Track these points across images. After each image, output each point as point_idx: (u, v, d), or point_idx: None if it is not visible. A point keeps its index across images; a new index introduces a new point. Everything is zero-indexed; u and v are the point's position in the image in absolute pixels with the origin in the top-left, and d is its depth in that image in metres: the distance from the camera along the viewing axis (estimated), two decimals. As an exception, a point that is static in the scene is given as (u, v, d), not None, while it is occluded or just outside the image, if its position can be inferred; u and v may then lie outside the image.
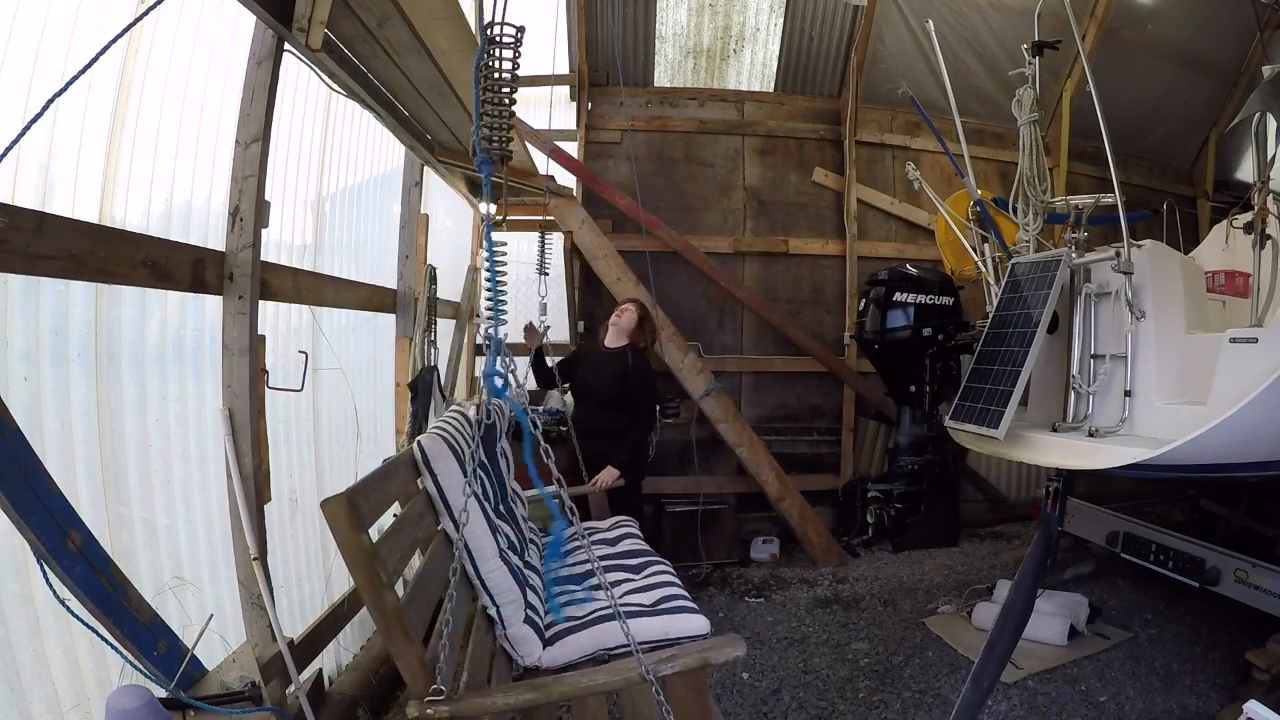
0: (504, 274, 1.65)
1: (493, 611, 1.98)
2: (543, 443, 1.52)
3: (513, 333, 4.98)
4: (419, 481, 1.99)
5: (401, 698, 2.54)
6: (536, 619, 2.05)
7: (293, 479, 2.64)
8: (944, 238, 4.36)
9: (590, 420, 3.48)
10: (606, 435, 3.51)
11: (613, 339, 3.67)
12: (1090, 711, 2.73)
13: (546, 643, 2.01)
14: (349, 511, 1.39)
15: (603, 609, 2.15)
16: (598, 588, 2.32)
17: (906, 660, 3.18)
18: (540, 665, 1.97)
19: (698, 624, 2.07)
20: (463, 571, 1.94)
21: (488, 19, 1.50)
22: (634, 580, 2.39)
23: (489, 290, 1.62)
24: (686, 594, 2.25)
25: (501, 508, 2.51)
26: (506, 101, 1.55)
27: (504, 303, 1.63)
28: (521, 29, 1.58)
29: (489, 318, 1.59)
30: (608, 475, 3.33)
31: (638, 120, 5.06)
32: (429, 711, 1.37)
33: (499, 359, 1.51)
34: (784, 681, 3.03)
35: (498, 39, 1.52)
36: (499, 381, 1.41)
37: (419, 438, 2.04)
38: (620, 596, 2.24)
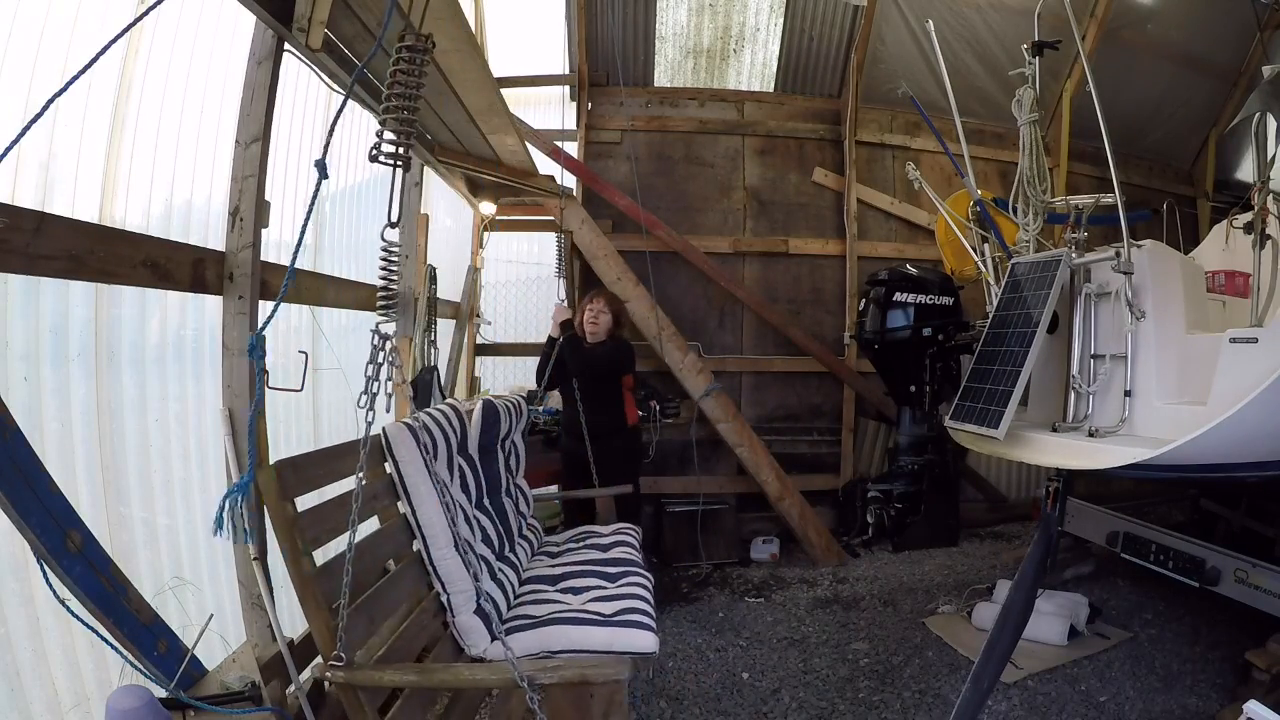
0: (396, 272, 1.75)
1: (444, 598, 2.03)
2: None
3: (503, 333, 5.03)
4: (385, 465, 2.06)
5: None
6: (491, 612, 2.08)
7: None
8: (944, 238, 4.36)
9: (588, 417, 3.49)
10: (607, 433, 3.51)
11: (592, 338, 3.67)
12: (1090, 711, 2.73)
13: (496, 636, 2.04)
14: (277, 481, 1.55)
15: (559, 612, 2.19)
16: (567, 590, 2.39)
17: (906, 660, 3.18)
18: (485, 657, 2.02)
19: (644, 640, 2.08)
20: (417, 554, 2.06)
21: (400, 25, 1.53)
22: (606, 588, 2.41)
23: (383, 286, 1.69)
24: (649, 609, 2.26)
25: (487, 502, 2.52)
26: (412, 109, 1.58)
27: (393, 298, 1.72)
28: (429, 36, 1.63)
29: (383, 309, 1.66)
30: (559, 311, 3.55)
31: (638, 120, 5.06)
32: (327, 674, 1.52)
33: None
34: (784, 681, 3.03)
35: (414, 46, 1.54)
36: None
37: (385, 425, 2.08)
38: (585, 602, 2.28)
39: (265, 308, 2.19)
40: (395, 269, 1.76)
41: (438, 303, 3.77)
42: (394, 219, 1.61)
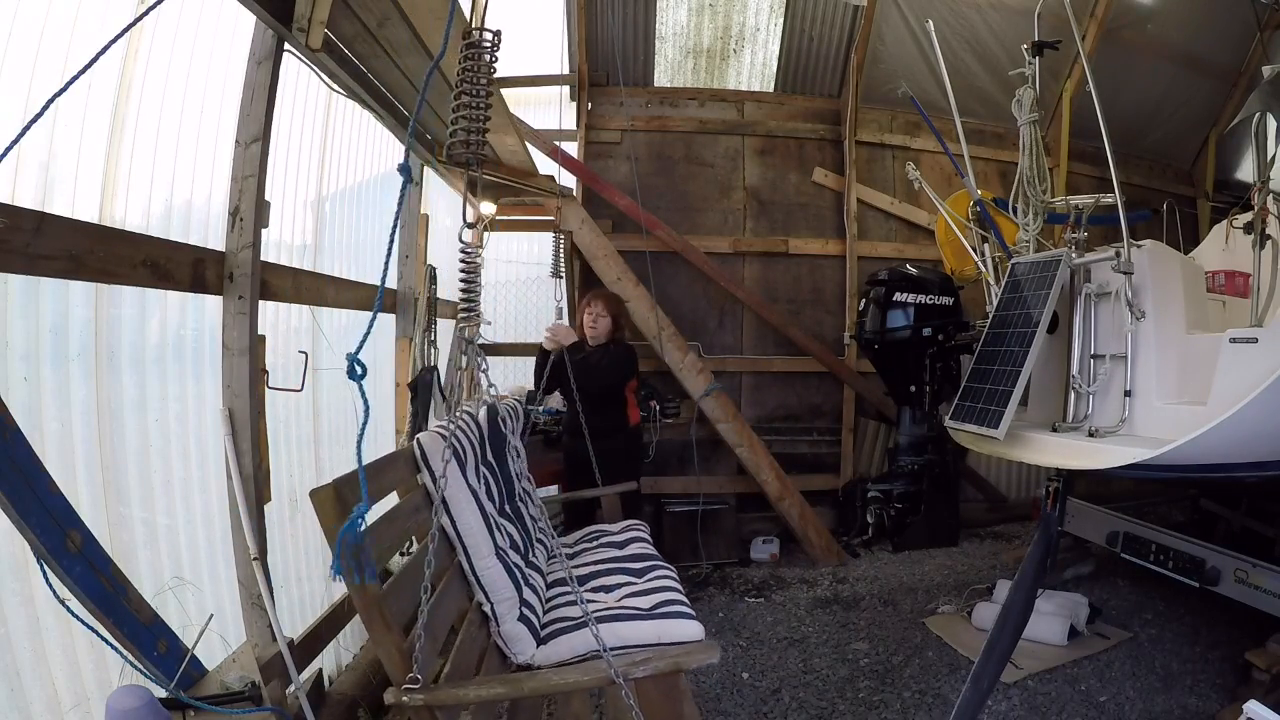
0: (477, 274, 1.71)
1: (487, 609, 2.01)
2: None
3: (503, 333, 5.04)
4: (418, 477, 2.03)
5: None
6: (532, 618, 2.07)
7: (293, 479, 2.64)
8: (944, 238, 4.36)
9: (589, 419, 3.48)
10: (605, 433, 3.51)
11: (592, 341, 3.64)
12: (1090, 711, 2.73)
13: (541, 641, 2.04)
14: (335, 501, 1.47)
15: (599, 611, 2.17)
16: (598, 589, 2.38)
17: (906, 660, 3.18)
18: (533, 663, 2.00)
19: (692, 629, 2.08)
20: (457, 567, 2.01)
21: (460, 25, 1.50)
22: (635, 584, 2.40)
23: (464, 290, 1.65)
24: (685, 599, 2.27)
25: (508, 507, 2.51)
26: (485, 106, 1.54)
27: (476, 302, 1.66)
28: (498, 33, 1.58)
29: (465, 315, 1.63)
30: (564, 332, 3.40)
31: (638, 120, 5.06)
32: (404, 699, 1.43)
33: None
34: (784, 681, 3.03)
35: (478, 43, 1.51)
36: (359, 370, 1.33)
37: (418, 435, 2.09)
38: (620, 599, 2.27)
39: (265, 308, 2.19)
40: (475, 273, 1.72)
41: (438, 303, 3.78)
42: (469, 220, 1.57)
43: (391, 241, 1.36)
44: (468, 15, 1.67)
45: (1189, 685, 2.87)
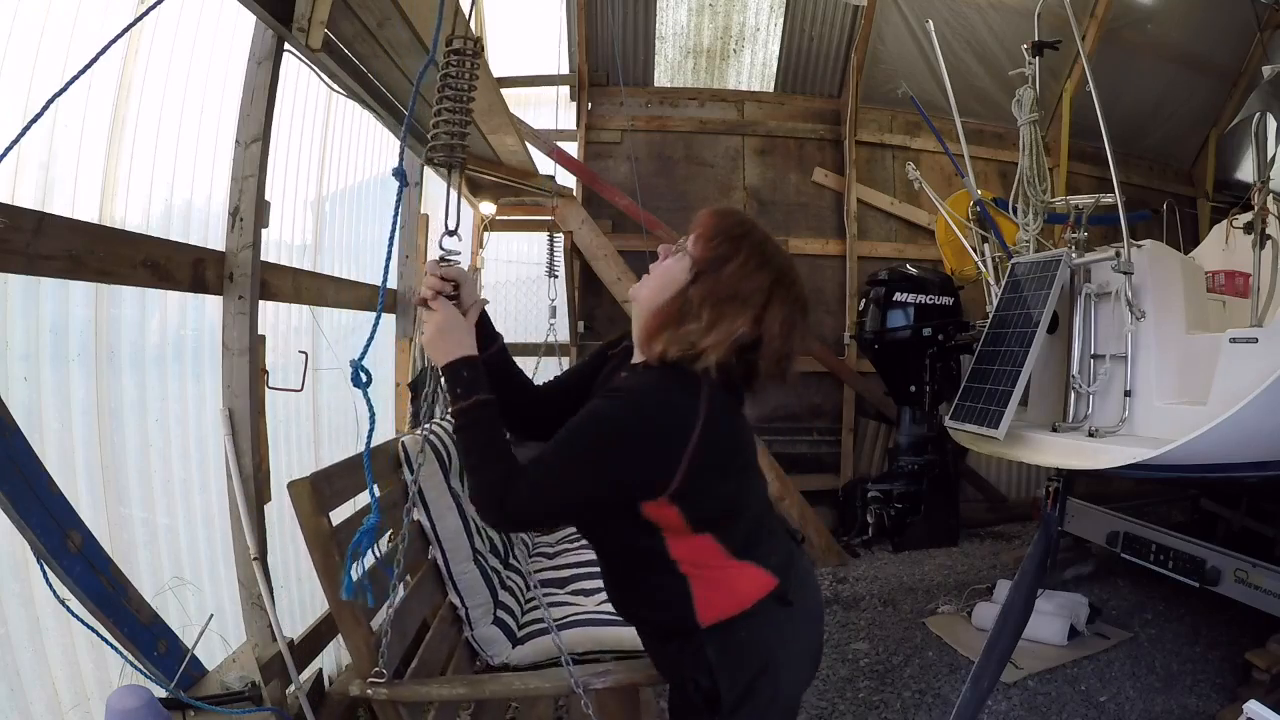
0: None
1: (461, 612, 2.02)
2: None
3: (504, 332, 5.01)
4: (400, 473, 2.03)
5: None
6: (508, 620, 2.09)
7: (293, 479, 2.64)
8: (944, 238, 4.37)
9: None
10: None
11: None
12: (1090, 711, 2.73)
13: (518, 642, 2.05)
14: (312, 495, 1.50)
15: (576, 614, 2.18)
16: (577, 592, 2.37)
17: (906, 660, 3.18)
18: (509, 663, 2.01)
19: None
20: (432, 563, 2.03)
21: (447, 30, 1.47)
22: None
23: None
24: None
25: None
26: (466, 110, 1.50)
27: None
28: (479, 40, 1.55)
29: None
30: None
31: (638, 120, 5.06)
32: (369, 692, 1.45)
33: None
34: (784, 681, 3.03)
35: (462, 50, 1.48)
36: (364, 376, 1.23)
37: (402, 438, 2.10)
38: (599, 603, 2.25)
39: (265, 308, 2.19)
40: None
41: (438, 303, 3.77)
42: (451, 226, 1.46)
43: (391, 241, 1.36)
44: (468, 14, 1.66)
45: (1189, 685, 2.87)
